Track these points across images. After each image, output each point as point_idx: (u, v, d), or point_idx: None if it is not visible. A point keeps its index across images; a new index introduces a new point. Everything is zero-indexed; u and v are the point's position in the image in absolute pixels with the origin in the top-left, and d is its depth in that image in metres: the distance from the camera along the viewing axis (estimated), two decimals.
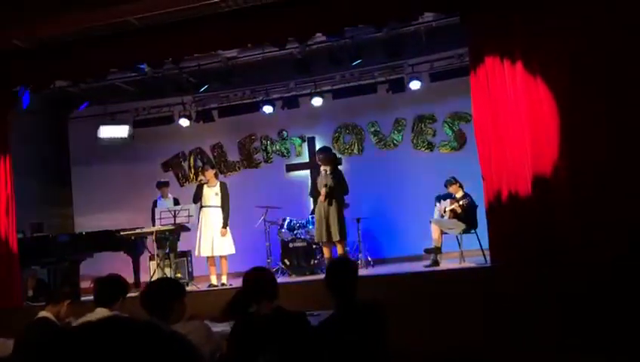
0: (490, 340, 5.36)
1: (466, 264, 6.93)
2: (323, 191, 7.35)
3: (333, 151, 8.36)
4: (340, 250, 7.41)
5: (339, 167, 7.94)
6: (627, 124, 5.36)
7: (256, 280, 3.19)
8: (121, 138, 9.42)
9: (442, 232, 7.23)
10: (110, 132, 9.43)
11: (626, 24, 5.45)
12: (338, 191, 7.38)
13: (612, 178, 5.32)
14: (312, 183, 7.77)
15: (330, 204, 7.33)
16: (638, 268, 5.02)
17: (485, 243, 6.57)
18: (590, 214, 5.33)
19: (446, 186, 7.57)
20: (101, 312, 3.48)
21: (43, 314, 3.77)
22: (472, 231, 7.12)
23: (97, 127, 9.66)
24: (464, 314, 5.57)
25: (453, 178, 7.53)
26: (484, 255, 6.73)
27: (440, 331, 5.52)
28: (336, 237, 7.24)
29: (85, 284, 7.63)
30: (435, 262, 7.06)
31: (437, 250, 7.14)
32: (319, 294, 3.39)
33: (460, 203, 7.20)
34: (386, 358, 3.06)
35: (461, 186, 7.49)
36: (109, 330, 0.71)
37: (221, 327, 3.64)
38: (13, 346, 3.55)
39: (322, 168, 7.58)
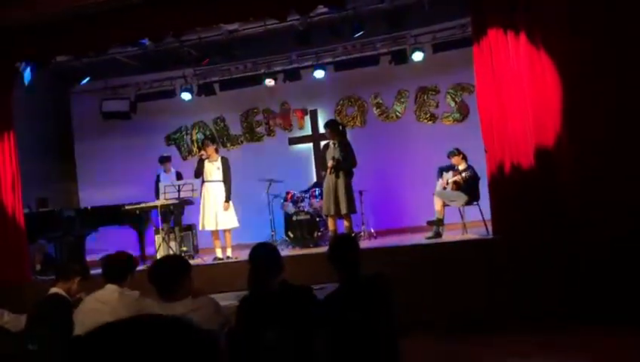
0: (491, 310, 5.45)
1: (469, 235, 6.99)
2: (330, 163, 7.39)
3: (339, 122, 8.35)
4: (346, 223, 7.47)
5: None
6: (630, 98, 5.35)
7: (263, 256, 3.24)
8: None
9: (445, 204, 7.27)
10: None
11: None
12: (346, 163, 7.40)
13: (614, 152, 5.33)
14: (320, 156, 7.77)
15: (337, 176, 7.37)
16: (638, 243, 5.08)
17: (487, 215, 6.61)
18: (592, 188, 5.35)
19: (449, 157, 7.57)
20: (110, 289, 3.56)
21: (54, 290, 3.85)
22: (475, 202, 7.17)
23: (100, 102, 9.67)
24: (466, 284, 5.66)
25: (456, 149, 7.52)
26: (486, 227, 6.79)
27: (442, 301, 5.62)
28: (344, 210, 7.30)
29: (91, 258, 7.75)
30: (438, 234, 7.13)
31: (439, 222, 7.20)
32: (324, 266, 3.45)
33: (463, 175, 7.23)
34: (393, 329, 3.14)
35: (464, 158, 7.49)
36: (141, 329, 0.75)
37: (229, 301, 3.72)
38: (26, 321, 3.64)
39: (331, 141, 7.60)
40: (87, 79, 8.97)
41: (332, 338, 2.95)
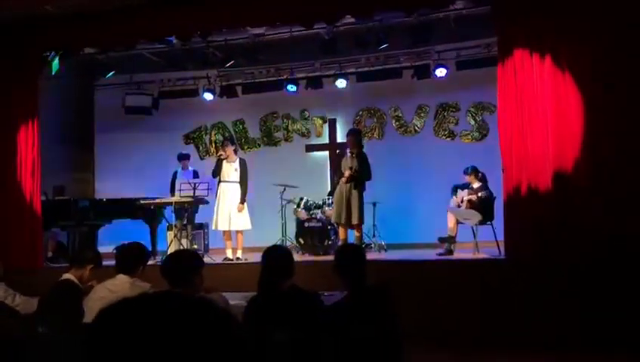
0: (499, 330, 5.41)
1: (480, 255, 6.95)
2: (347, 173, 7.39)
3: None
4: (357, 233, 7.47)
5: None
6: None
7: (277, 258, 3.27)
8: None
9: (458, 222, 7.25)
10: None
11: None
12: (362, 175, 7.41)
13: (633, 182, 5.29)
14: (335, 164, 7.79)
15: (353, 186, 7.37)
16: None
17: (500, 236, 6.58)
18: (610, 215, 5.31)
19: (464, 173, 7.53)
20: (122, 279, 3.59)
21: (67, 276, 3.89)
22: (488, 222, 7.13)
23: (123, 96, 9.78)
24: (475, 303, 5.63)
25: (474, 168, 7.47)
26: (498, 247, 6.74)
27: (449, 318, 5.59)
28: (355, 220, 7.31)
29: (103, 250, 7.81)
30: (449, 251, 7.10)
31: (451, 239, 7.17)
32: (333, 274, 3.46)
33: (479, 194, 7.20)
34: (398, 341, 3.13)
35: (478, 178, 7.44)
36: (168, 304, 0.77)
37: (236, 301, 3.74)
38: (38, 304, 3.68)
39: (349, 150, 7.61)
40: (112, 73, 9.09)
41: (337, 346, 2.95)
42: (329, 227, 8.03)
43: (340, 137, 9.54)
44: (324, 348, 2.87)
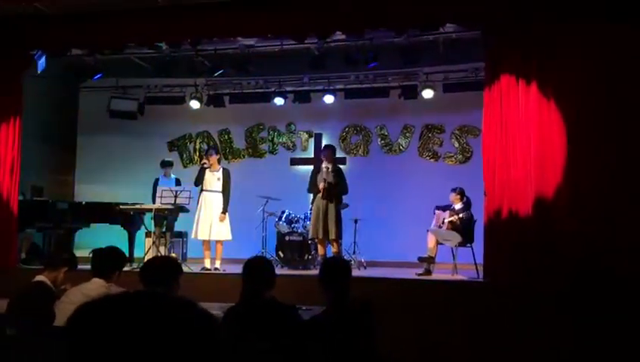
0: (469, 354, 5.40)
1: (458, 276, 6.97)
2: (322, 185, 7.40)
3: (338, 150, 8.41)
4: (334, 248, 7.46)
5: (341, 166, 8.01)
6: (633, 154, 5.41)
7: (261, 267, 3.25)
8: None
9: (438, 242, 7.27)
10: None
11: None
12: (338, 188, 7.43)
13: (614, 209, 5.36)
14: (311, 179, 7.82)
15: (329, 201, 7.38)
16: (635, 301, 5.07)
17: (480, 258, 6.62)
18: (589, 243, 5.37)
19: (452, 191, 7.54)
20: (97, 283, 3.52)
21: (40, 278, 3.81)
22: (468, 244, 7.17)
23: (108, 99, 9.71)
24: (450, 325, 5.62)
25: (456, 188, 7.52)
26: (477, 270, 6.77)
27: (423, 339, 5.57)
28: (332, 235, 7.30)
29: (79, 253, 7.68)
30: (428, 271, 7.11)
31: (430, 260, 7.18)
32: (312, 289, 3.44)
33: (460, 215, 7.24)
34: (374, 357, 3.11)
35: (462, 200, 7.48)
36: (146, 303, 0.75)
37: (214, 311, 3.69)
38: (8, 305, 3.60)
39: (324, 165, 7.63)
40: (99, 75, 9.03)
41: (313, 358, 2.92)
42: (309, 241, 8.00)
43: (322, 150, 9.55)
44: (301, 359, 2.84)
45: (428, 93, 8.83)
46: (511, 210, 5.93)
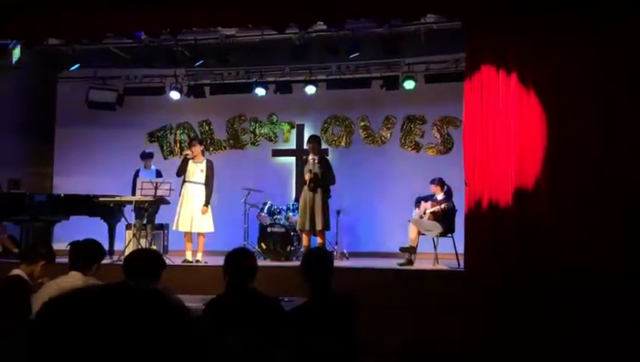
0: (450, 343, 5.45)
1: (439, 266, 7.02)
2: (307, 176, 7.39)
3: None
4: (320, 240, 7.46)
5: (327, 157, 8.00)
6: (613, 146, 5.47)
7: (243, 258, 3.25)
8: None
9: (419, 233, 7.31)
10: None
11: (619, 48, 5.55)
12: (324, 180, 7.42)
13: (593, 200, 5.43)
14: (299, 171, 7.80)
15: (315, 192, 7.37)
16: (613, 286, 5.15)
17: (460, 248, 6.67)
18: (567, 232, 5.44)
19: (431, 183, 7.61)
20: (74, 276, 3.47)
21: (16, 271, 3.74)
22: (449, 235, 7.21)
23: (86, 90, 9.56)
24: (431, 314, 5.66)
25: (436, 179, 7.59)
26: (457, 259, 6.83)
27: (403, 328, 5.61)
28: (319, 226, 7.29)
29: (58, 246, 7.58)
30: (409, 261, 7.15)
31: (412, 250, 7.22)
32: (294, 280, 3.44)
33: (442, 205, 7.28)
34: (353, 350, 3.12)
35: (443, 190, 7.54)
36: (118, 295, 0.73)
37: (193, 304, 3.66)
38: None
39: (310, 157, 7.62)
40: (77, 66, 8.87)
41: (294, 350, 2.92)
42: (292, 233, 7.98)
43: (307, 141, 9.52)
44: (281, 353, 2.84)
45: (409, 84, 8.83)
46: (491, 200, 5.97)
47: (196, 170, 7.51)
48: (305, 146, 9.53)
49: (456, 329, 5.53)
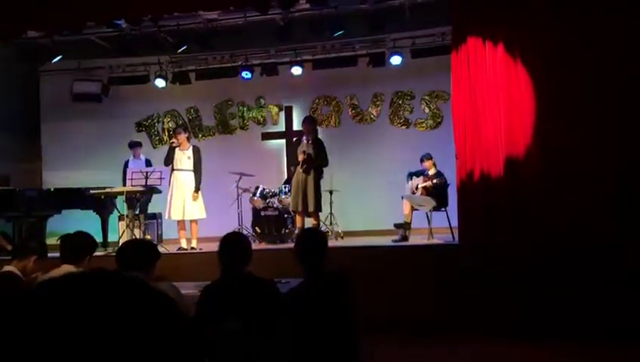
0: (448, 317, 5.49)
1: (434, 241, 7.05)
2: (301, 157, 7.36)
3: None
4: (314, 221, 7.46)
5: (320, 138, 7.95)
6: (601, 115, 5.47)
7: (238, 242, 3.23)
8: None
9: (413, 208, 7.32)
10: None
11: (607, 15, 5.52)
12: (317, 161, 7.39)
13: (583, 169, 5.44)
14: (292, 152, 7.77)
15: (307, 173, 7.34)
16: (603, 255, 5.19)
17: (454, 222, 6.68)
18: (560, 202, 5.45)
19: (421, 161, 7.62)
20: (66, 269, 3.44)
21: (9, 268, 3.71)
22: (442, 209, 7.23)
23: (70, 82, 9.44)
24: (429, 289, 5.69)
25: (429, 154, 7.60)
26: (452, 233, 6.85)
27: (403, 304, 5.64)
28: (311, 207, 7.28)
29: (52, 241, 7.54)
30: (404, 238, 7.16)
31: (406, 226, 7.24)
32: (289, 262, 3.43)
33: (434, 181, 7.29)
34: (353, 326, 3.13)
35: (435, 164, 7.57)
36: (95, 283, 0.71)
37: (189, 291, 3.65)
38: None
39: (304, 138, 7.57)
40: (59, 58, 8.73)
41: (293, 331, 2.92)
42: (285, 215, 7.98)
43: (297, 125, 9.48)
44: (280, 334, 2.84)
45: (396, 60, 8.78)
46: (482, 172, 5.97)
47: (183, 158, 7.47)
48: (295, 127, 9.52)
49: (453, 302, 5.57)
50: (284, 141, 9.75)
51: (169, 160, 7.50)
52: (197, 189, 7.41)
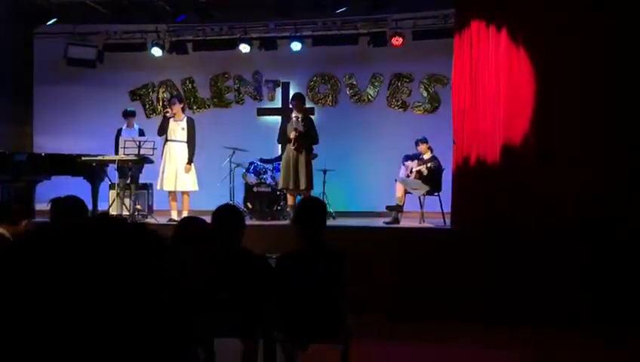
0: (436, 301, 5.50)
1: (426, 224, 7.05)
2: (292, 135, 7.29)
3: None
4: None
5: (311, 116, 7.88)
6: (601, 103, 5.45)
7: (230, 213, 3.21)
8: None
9: (406, 192, 7.31)
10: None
11: (612, 4, 5.47)
12: (308, 139, 7.33)
13: (581, 157, 5.43)
14: (281, 129, 7.70)
15: (299, 151, 7.29)
16: (598, 240, 5.21)
17: (447, 207, 6.68)
18: (554, 189, 5.45)
19: (416, 144, 7.60)
20: None
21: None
22: (436, 193, 7.22)
23: (65, 46, 9.26)
24: (419, 272, 5.70)
25: (425, 138, 7.57)
26: (444, 218, 6.86)
27: (391, 285, 5.65)
28: (303, 185, 7.24)
29: (41, 207, 7.46)
30: (396, 220, 7.16)
31: (399, 208, 7.23)
32: (281, 239, 3.42)
33: (428, 165, 7.26)
34: (343, 300, 3.15)
35: (430, 148, 7.54)
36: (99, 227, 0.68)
37: None
38: None
39: (294, 115, 7.50)
40: (54, 20, 8.56)
41: (282, 299, 2.94)
42: (278, 192, 7.94)
43: (290, 99, 9.38)
44: (268, 302, 2.86)
45: (397, 40, 8.68)
46: (479, 157, 5.95)
47: (177, 129, 7.38)
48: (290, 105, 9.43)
49: (443, 285, 5.58)
50: (279, 117, 9.65)
51: (163, 130, 7.42)
52: (190, 161, 7.34)
